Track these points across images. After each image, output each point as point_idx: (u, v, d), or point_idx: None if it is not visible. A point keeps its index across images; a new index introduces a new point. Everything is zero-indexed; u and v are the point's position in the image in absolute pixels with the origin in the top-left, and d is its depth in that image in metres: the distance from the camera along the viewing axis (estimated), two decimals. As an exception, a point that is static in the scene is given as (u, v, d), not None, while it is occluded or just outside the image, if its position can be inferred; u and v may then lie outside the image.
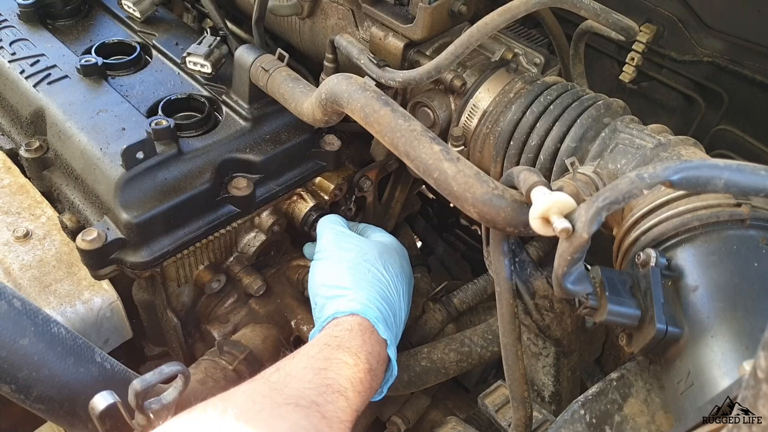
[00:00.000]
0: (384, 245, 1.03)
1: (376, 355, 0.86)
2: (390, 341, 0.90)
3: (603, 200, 0.54)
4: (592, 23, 0.94)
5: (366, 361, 0.83)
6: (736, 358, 0.55)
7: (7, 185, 1.09)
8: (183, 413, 0.70)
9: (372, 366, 0.84)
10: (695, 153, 0.78)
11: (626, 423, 0.62)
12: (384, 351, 0.89)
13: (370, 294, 0.92)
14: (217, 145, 1.03)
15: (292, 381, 0.76)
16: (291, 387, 0.75)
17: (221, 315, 1.11)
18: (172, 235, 0.98)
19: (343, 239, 1.01)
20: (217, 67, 1.12)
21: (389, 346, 0.89)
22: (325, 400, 0.75)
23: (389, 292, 0.95)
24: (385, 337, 0.89)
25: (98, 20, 1.27)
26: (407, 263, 1.06)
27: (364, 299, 0.90)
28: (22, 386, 0.72)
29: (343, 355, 0.82)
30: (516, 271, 0.76)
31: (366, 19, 1.05)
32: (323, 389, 0.76)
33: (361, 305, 0.89)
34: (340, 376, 0.79)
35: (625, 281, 0.64)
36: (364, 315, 0.88)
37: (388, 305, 0.93)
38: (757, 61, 1.06)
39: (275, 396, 0.73)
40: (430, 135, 0.75)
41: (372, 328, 0.88)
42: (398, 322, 0.96)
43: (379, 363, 0.87)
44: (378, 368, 0.87)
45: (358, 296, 0.91)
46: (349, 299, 0.90)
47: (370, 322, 0.88)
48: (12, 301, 0.73)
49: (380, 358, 0.88)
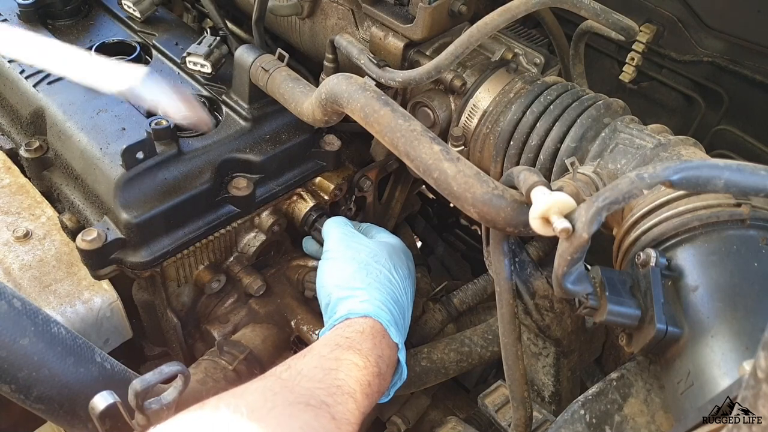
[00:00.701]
0: (392, 246, 1.03)
1: (386, 359, 0.86)
2: (401, 345, 0.90)
3: (603, 200, 0.54)
4: (592, 23, 0.94)
5: (375, 365, 0.83)
6: (736, 358, 0.55)
7: (7, 185, 1.09)
8: (194, 407, 0.70)
9: (381, 370, 0.84)
10: (695, 153, 0.78)
11: (626, 423, 0.62)
12: (394, 354, 0.89)
13: (382, 296, 0.91)
14: (217, 145, 1.03)
15: (303, 380, 0.76)
16: (302, 386, 0.75)
17: (221, 315, 1.11)
18: (172, 235, 0.98)
19: (352, 239, 1.01)
20: (217, 67, 1.12)
21: (400, 350, 0.89)
22: (335, 401, 0.75)
23: (399, 295, 0.95)
24: (396, 341, 0.89)
25: (98, 20, 1.27)
26: (413, 265, 1.07)
27: (376, 301, 0.90)
28: (22, 386, 0.73)
29: (354, 357, 0.81)
30: (516, 271, 0.76)
31: (366, 19, 1.05)
32: (333, 390, 0.76)
33: (374, 307, 0.89)
34: (350, 377, 0.79)
35: (625, 281, 0.64)
36: (376, 317, 0.88)
37: (399, 308, 0.93)
38: (757, 61, 1.06)
39: (287, 394, 0.73)
40: (430, 135, 0.75)
41: (384, 332, 0.88)
42: (406, 324, 0.96)
43: (389, 367, 0.87)
44: (387, 372, 0.87)
45: (371, 298, 0.90)
46: (361, 300, 0.90)
47: (382, 325, 0.88)
48: (12, 301, 0.73)
49: (390, 361, 0.87)
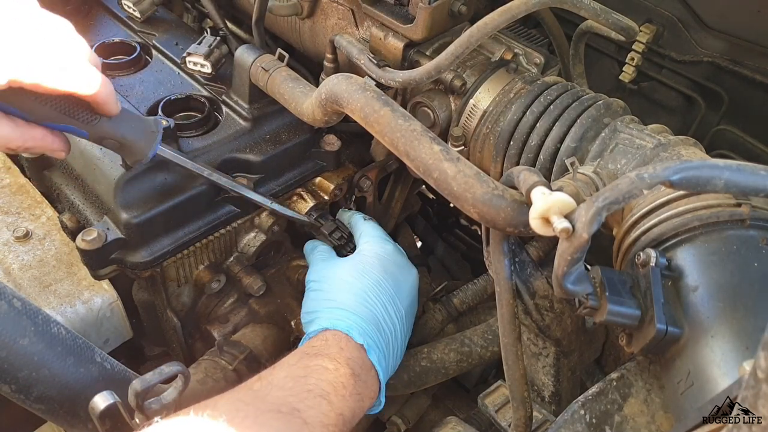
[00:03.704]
0: (365, 257, 1.02)
1: (357, 360, 0.87)
2: (368, 345, 0.90)
3: (603, 200, 0.54)
4: (592, 23, 0.94)
5: (347, 365, 0.84)
6: (736, 358, 0.55)
7: (7, 185, 1.09)
8: (169, 419, 0.71)
9: (355, 371, 0.85)
10: (695, 153, 0.78)
11: (626, 423, 0.62)
12: (364, 356, 0.89)
13: (341, 310, 0.93)
14: (217, 145, 1.03)
15: (274, 389, 0.77)
16: (273, 395, 0.76)
17: (221, 315, 1.11)
18: (172, 235, 0.98)
19: (328, 265, 1.02)
20: (217, 67, 1.12)
21: (368, 350, 0.90)
22: (306, 405, 0.76)
23: (364, 301, 0.95)
24: (360, 341, 0.89)
25: (98, 20, 1.26)
26: (402, 271, 1.04)
27: (332, 316, 0.92)
28: (22, 386, 0.72)
29: (323, 361, 0.83)
30: (516, 271, 0.76)
31: (366, 19, 1.05)
32: (304, 395, 0.77)
33: (329, 321, 0.91)
34: (321, 381, 0.80)
35: (625, 281, 0.64)
36: (333, 327, 0.90)
37: (364, 313, 0.93)
38: (757, 61, 1.06)
39: (258, 404, 0.74)
40: (430, 135, 0.75)
41: (346, 337, 0.89)
42: (379, 327, 0.94)
43: (363, 369, 0.88)
44: (363, 373, 0.87)
45: (327, 315, 0.93)
46: (321, 320, 0.92)
47: (342, 331, 0.89)
48: (12, 301, 0.73)
49: (363, 363, 0.88)
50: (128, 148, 0.85)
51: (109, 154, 0.97)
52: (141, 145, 0.85)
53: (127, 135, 0.83)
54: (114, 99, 0.81)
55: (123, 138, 0.84)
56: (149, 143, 0.85)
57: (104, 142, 0.83)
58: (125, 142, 0.84)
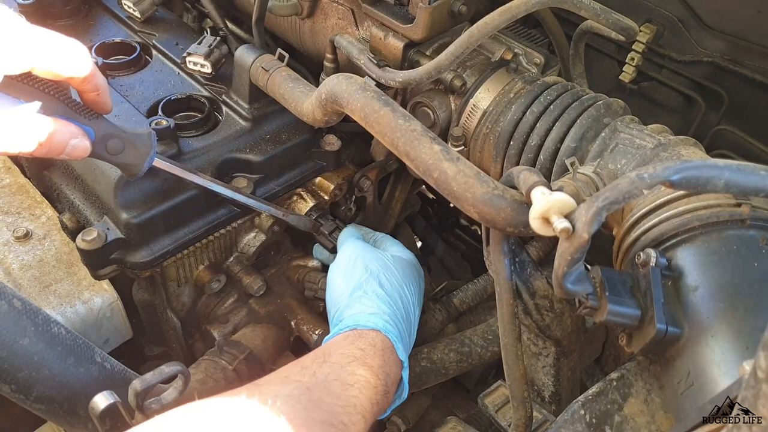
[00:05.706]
0: (405, 261, 1.03)
1: (392, 377, 0.87)
2: (405, 363, 0.90)
3: (603, 200, 0.54)
4: (592, 23, 0.93)
5: (384, 383, 0.84)
6: (736, 358, 0.55)
7: (7, 185, 1.09)
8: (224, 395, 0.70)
9: (388, 388, 0.85)
10: (695, 153, 0.78)
11: (626, 423, 0.62)
12: (399, 372, 0.89)
13: (391, 311, 0.92)
14: (217, 145, 1.03)
15: (325, 393, 0.76)
16: (326, 402, 0.76)
17: (221, 315, 1.11)
18: (172, 235, 0.98)
19: (365, 251, 1.01)
20: (217, 67, 1.12)
21: (404, 368, 0.90)
22: (351, 421, 0.76)
23: (409, 312, 0.96)
24: (402, 358, 0.89)
25: (98, 20, 1.26)
26: (423, 282, 1.07)
27: (386, 315, 0.90)
28: (22, 386, 0.73)
29: (367, 374, 0.82)
30: (516, 271, 0.76)
31: (366, 19, 1.05)
32: (350, 409, 0.77)
33: (383, 322, 0.89)
34: (363, 396, 0.80)
35: (625, 281, 0.64)
36: (385, 332, 0.88)
37: (407, 326, 0.94)
38: (757, 61, 1.06)
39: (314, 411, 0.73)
40: (430, 135, 0.75)
41: (392, 348, 0.88)
42: (411, 341, 0.97)
43: (393, 384, 0.88)
44: (392, 390, 0.87)
45: (380, 311, 0.91)
46: (369, 311, 0.91)
47: (390, 341, 0.88)
48: (12, 301, 0.73)
49: (395, 379, 0.88)
50: (124, 162, 0.87)
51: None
52: (136, 161, 0.88)
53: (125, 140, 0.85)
54: (107, 94, 0.83)
55: (124, 136, 0.85)
56: (143, 157, 0.88)
57: (109, 142, 0.84)
58: (126, 142, 0.85)
